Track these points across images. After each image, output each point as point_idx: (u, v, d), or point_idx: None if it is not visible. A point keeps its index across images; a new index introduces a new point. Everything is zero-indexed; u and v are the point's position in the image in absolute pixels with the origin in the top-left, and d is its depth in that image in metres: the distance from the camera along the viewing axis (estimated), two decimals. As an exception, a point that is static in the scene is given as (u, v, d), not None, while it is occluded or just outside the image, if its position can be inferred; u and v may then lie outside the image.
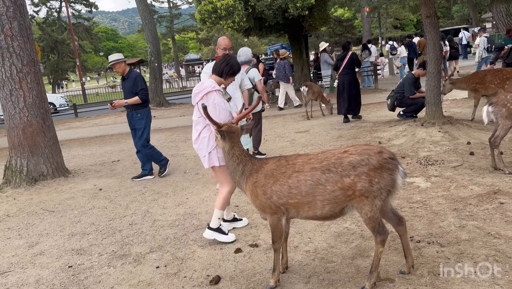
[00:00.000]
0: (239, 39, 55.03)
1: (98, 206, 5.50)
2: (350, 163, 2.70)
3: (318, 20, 16.35)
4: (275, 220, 2.94)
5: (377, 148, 2.79)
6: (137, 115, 6.53)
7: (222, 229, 3.99)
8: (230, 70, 3.90)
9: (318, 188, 2.74)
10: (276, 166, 2.94)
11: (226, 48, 5.35)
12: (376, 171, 2.68)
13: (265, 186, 2.90)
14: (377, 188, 2.68)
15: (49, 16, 39.70)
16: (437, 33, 7.45)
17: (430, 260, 3.18)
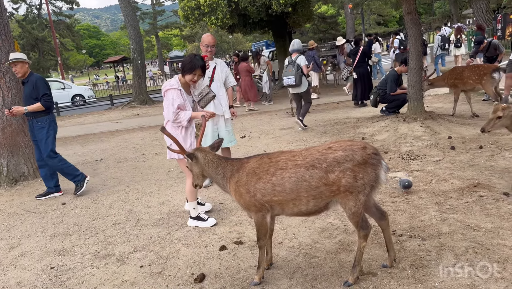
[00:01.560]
0: (224, 35, 54.84)
1: (81, 206, 5.43)
2: (334, 158, 2.73)
3: (302, 17, 16.39)
4: (260, 218, 2.95)
5: (361, 144, 2.83)
6: (38, 124, 5.68)
7: (200, 216, 4.32)
8: (184, 68, 4.10)
9: (303, 184, 2.76)
10: (259, 164, 2.95)
11: (208, 45, 5.32)
12: (360, 166, 2.71)
13: (247, 185, 2.91)
14: (361, 183, 2.72)
15: (29, 13, 38.87)
16: (419, 30, 7.54)
17: (412, 254, 3.23)
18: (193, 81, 4.15)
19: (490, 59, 9.15)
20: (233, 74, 15.22)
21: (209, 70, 5.33)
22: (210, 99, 5.12)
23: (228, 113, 5.45)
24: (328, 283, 2.97)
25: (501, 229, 3.45)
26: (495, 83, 7.29)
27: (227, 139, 5.44)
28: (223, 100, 5.39)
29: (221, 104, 5.37)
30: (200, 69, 4.10)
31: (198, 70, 4.08)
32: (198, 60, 4.08)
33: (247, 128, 9.82)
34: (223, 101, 5.39)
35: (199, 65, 4.07)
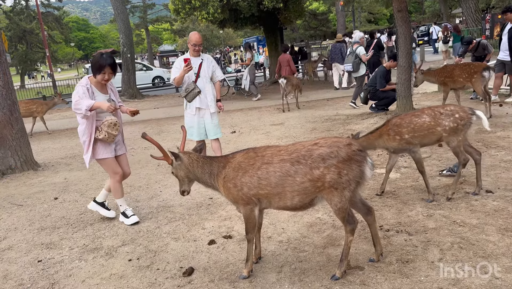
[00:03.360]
0: (215, 30, 54.63)
1: (69, 199, 5.39)
2: (319, 155, 2.75)
3: (293, 13, 16.41)
4: (248, 211, 2.98)
5: (346, 140, 2.86)
6: None
7: (126, 213, 4.41)
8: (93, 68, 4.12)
9: (288, 179, 2.79)
10: (244, 158, 2.98)
11: (196, 44, 5.45)
12: (345, 162, 2.73)
13: (234, 179, 2.94)
14: (346, 179, 2.74)
15: (16, 5, 38.13)
16: (408, 28, 7.61)
17: (398, 248, 3.28)
18: (105, 80, 4.13)
19: (478, 58, 9.26)
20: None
21: (196, 66, 5.46)
22: (196, 95, 5.39)
23: (213, 108, 5.59)
24: (316, 277, 3.00)
25: (486, 225, 3.52)
26: (485, 82, 7.38)
27: (213, 131, 5.66)
28: (209, 95, 5.54)
29: (206, 98, 5.54)
30: (109, 67, 4.06)
31: (108, 69, 4.05)
32: (106, 59, 4.05)
33: (237, 124, 9.82)
34: (208, 96, 5.54)
35: (108, 63, 4.04)
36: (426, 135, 4.14)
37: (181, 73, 5.31)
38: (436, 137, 4.16)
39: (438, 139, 4.21)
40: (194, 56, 5.50)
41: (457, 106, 4.30)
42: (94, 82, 4.16)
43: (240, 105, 13.04)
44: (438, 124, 4.08)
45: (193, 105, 5.52)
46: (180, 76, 5.34)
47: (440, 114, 4.10)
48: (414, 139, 4.14)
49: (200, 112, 5.54)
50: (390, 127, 4.23)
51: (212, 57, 5.92)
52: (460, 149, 4.15)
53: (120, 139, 4.53)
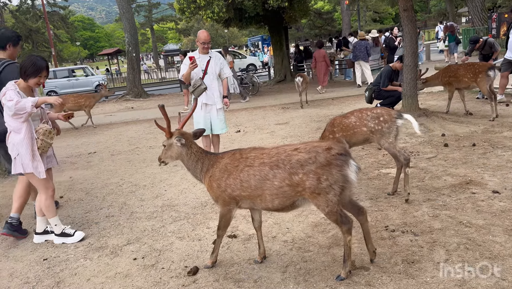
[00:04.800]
0: (219, 30, 54.59)
1: (74, 198, 5.41)
2: (298, 161, 2.76)
3: (298, 12, 16.36)
4: (226, 211, 3.10)
5: (327, 145, 2.82)
6: None
7: (66, 232, 4.09)
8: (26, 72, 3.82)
9: (266, 182, 2.84)
10: (231, 160, 3.07)
11: (205, 42, 5.56)
12: (324, 168, 2.72)
13: (219, 180, 3.03)
14: (327, 184, 2.71)
15: (22, 4, 38.37)
16: (414, 27, 7.56)
17: (404, 249, 3.26)
18: (39, 84, 3.95)
19: (485, 57, 9.20)
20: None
21: (203, 63, 5.58)
22: (202, 91, 5.46)
23: (219, 104, 5.71)
24: (321, 277, 2.99)
25: (492, 225, 3.49)
26: (490, 82, 7.32)
27: (219, 127, 5.78)
28: (216, 92, 5.66)
29: (213, 95, 5.65)
30: (46, 70, 3.93)
31: (44, 72, 3.93)
32: (42, 62, 3.91)
33: (242, 123, 9.82)
34: (215, 92, 5.66)
35: (44, 66, 3.91)
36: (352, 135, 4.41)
37: (187, 70, 5.42)
38: (363, 138, 4.40)
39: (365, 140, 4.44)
40: (203, 53, 5.64)
41: (384, 109, 4.46)
42: (22, 86, 3.84)
43: (244, 105, 13.04)
44: (364, 125, 4.30)
45: (199, 101, 5.63)
46: (187, 73, 5.46)
47: (366, 116, 4.32)
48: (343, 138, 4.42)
49: (207, 108, 5.67)
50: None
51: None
52: (396, 150, 4.27)
53: (51, 152, 4.19)
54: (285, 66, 18.25)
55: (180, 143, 3.25)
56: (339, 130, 4.44)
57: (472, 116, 7.62)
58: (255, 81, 15.66)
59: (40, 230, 4.16)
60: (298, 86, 11.22)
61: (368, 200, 4.33)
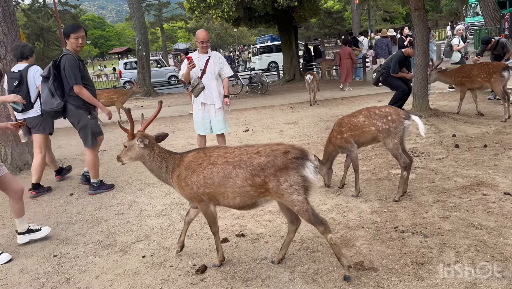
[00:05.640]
0: (229, 29, 54.61)
1: (84, 195, 5.45)
2: (259, 164, 2.88)
3: (308, 12, 16.30)
4: (204, 207, 3.16)
5: (284, 148, 2.92)
6: None
7: (32, 228, 4.10)
8: None
9: (229, 181, 2.94)
10: (195, 158, 3.14)
11: (203, 41, 5.59)
12: (282, 170, 2.83)
13: (186, 178, 3.11)
14: (287, 185, 2.82)
15: (34, 3, 38.78)
16: (426, 26, 7.50)
17: (413, 250, 3.23)
18: None
19: (497, 57, 9.09)
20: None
21: (202, 63, 5.61)
22: (200, 90, 5.54)
23: (218, 103, 5.70)
24: (329, 277, 2.98)
25: (504, 228, 3.45)
26: (504, 82, 7.23)
27: (217, 127, 5.78)
28: (214, 91, 5.66)
29: (211, 94, 5.65)
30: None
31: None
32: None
33: (251, 122, 9.81)
34: (214, 91, 5.66)
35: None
36: (361, 135, 4.34)
37: (186, 70, 5.49)
38: (372, 137, 4.33)
39: (374, 139, 4.38)
40: (202, 53, 5.66)
41: (392, 108, 4.39)
42: None
43: (253, 104, 13.04)
44: (372, 124, 4.24)
45: (199, 100, 5.69)
46: (185, 73, 5.53)
47: (374, 114, 4.27)
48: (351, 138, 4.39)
49: (206, 107, 5.69)
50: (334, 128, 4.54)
51: (227, 56, 5.99)
52: (398, 152, 4.23)
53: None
54: (294, 65, 18.22)
55: (143, 144, 3.31)
56: (347, 130, 4.39)
57: (483, 117, 7.54)
58: (264, 81, 15.66)
59: (23, 229, 4.09)
60: (308, 84, 11.27)
61: (377, 201, 4.30)
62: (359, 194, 4.47)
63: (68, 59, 5.00)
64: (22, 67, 5.58)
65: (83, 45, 5.24)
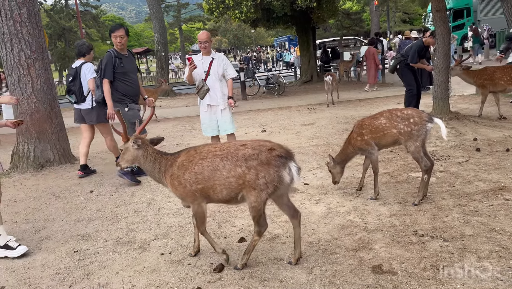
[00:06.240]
0: (246, 30, 54.81)
1: (104, 192, 5.55)
2: (243, 155, 2.98)
3: (327, 12, 16.24)
4: (196, 206, 3.23)
5: (271, 145, 3.03)
6: None
7: (9, 245, 3.84)
8: None
9: (216, 173, 3.04)
10: (186, 156, 3.23)
11: (201, 42, 5.63)
12: (263, 166, 2.93)
13: (179, 177, 3.18)
14: (263, 182, 2.93)
15: (57, 3, 39.55)
16: (447, 28, 7.39)
17: (433, 254, 3.19)
18: None
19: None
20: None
21: (206, 64, 5.64)
22: (205, 92, 5.61)
23: (222, 105, 5.73)
24: (347, 280, 2.97)
25: (527, 234, 3.38)
26: (529, 85, 7.08)
27: (224, 128, 5.84)
28: (218, 92, 5.69)
29: (216, 95, 5.70)
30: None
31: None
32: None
33: (267, 123, 9.82)
34: (218, 93, 5.70)
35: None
36: (382, 137, 4.29)
37: (188, 72, 5.60)
38: (393, 140, 4.28)
39: (395, 142, 4.33)
40: (205, 54, 5.70)
41: (415, 110, 4.32)
42: None
43: (270, 105, 13.04)
44: (394, 127, 4.19)
45: (204, 102, 5.74)
46: (188, 75, 5.65)
47: (396, 117, 4.21)
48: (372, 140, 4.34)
49: (212, 109, 5.75)
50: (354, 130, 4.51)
51: (245, 57, 6.03)
52: (420, 155, 4.17)
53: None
54: (311, 66, 18.16)
55: (136, 145, 3.40)
56: (368, 133, 4.35)
57: (506, 121, 7.39)
58: (281, 82, 15.65)
59: (1, 242, 3.86)
60: (328, 85, 11.25)
61: (396, 204, 4.26)
62: (378, 197, 4.43)
63: (107, 56, 5.57)
64: (79, 64, 6.26)
65: (122, 43, 5.61)
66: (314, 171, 5.66)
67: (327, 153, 6.24)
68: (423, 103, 8.64)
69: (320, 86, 15.68)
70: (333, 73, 12.38)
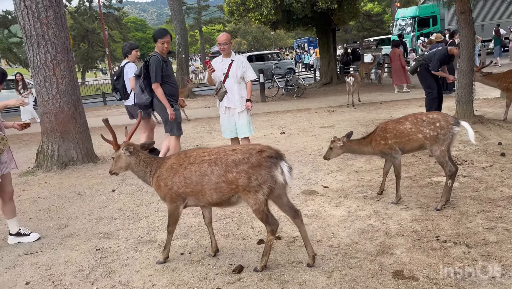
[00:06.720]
0: (266, 31, 54.85)
1: (125, 192, 5.64)
2: (233, 160, 3.03)
3: (347, 14, 16.13)
4: (173, 208, 3.32)
5: (260, 148, 3.07)
6: None
7: (21, 232, 4.26)
8: None
9: (205, 178, 3.10)
10: (176, 159, 3.31)
11: (220, 43, 5.68)
12: (255, 168, 2.98)
13: (166, 179, 3.26)
14: (256, 183, 2.97)
15: (80, 6, 40.39)
16: (471, 30, 7.24)
17: (456, 261, 3.13)
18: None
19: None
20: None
21: (225, 67, 5.69)
22: (223, 94, 5.68)
23: (240, 107, 5.76)
24: (367, 285, 2.94)
25: (555, 242, 3.28)
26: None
27: (241, 130, 5.87)
28: (236, 95, 5.73)
29: (234, 98, 5.74)
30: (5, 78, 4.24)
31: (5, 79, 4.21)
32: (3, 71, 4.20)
33: (286, 125, 9.81)
34: (236, 95, 5.73)
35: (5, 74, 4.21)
36: (407, 142, 4.21)
37: (207, 74, 5.75)
38: (418, 145, 4.20)
39: (420, 147, 4.25)
40: (225, 56, 5.76)
41: (440, 114, 4.23)
42: None
43: (289, 107, 13.02)
44: (420, 132, 4.11)
45: (223, 104, 5.80)
46: (208, 77, 5.79)
47: (422, 121, 4.13)
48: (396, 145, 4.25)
49: (230, 111, 5.80)
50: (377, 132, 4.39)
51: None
52: (445, 159, 4.08)
53: (7, 157, 4.14)
54: (331, 68, 18.04)
55: (128, 152, 3.45)
56: (392, 137, 4.24)
57: (532, 125, 7.19)
58: (301, 83, 15.61)
59: (14, 230, 4.26)
60: (349, 86, 11.24)
61: (418, 208, 4.19)
62: (400, 201, 4.37)
63: (155, 60, 5.70)
64: (123, 63, 6.92)
65: (168, 48, 5.91)
66: (333, 173, 5.63)
67: (347, 156, 6.21)
68: (446, 107, 8.50)
69: (340, 88, 15.58)
70: (355, 74, 12.29)
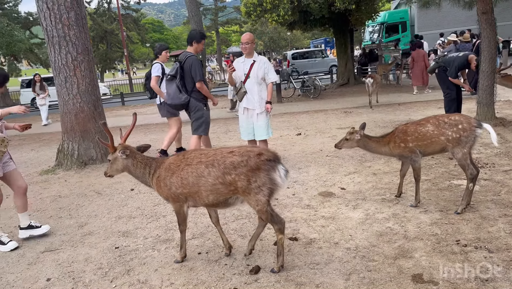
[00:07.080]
0: (282, 32, 54.74)
1: (144, 191, 5.70)
2: (231, 163, 3.05)
3: (365, 14, 16.00)
4: (178, 207, 3.37)
5: (258, 150, 3.11)
6: None
7: (32, 225, 4.36)
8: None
9: (201, 179, 3.14)
10: (174, 160, 3.34)
11: (242, 42, 5.71)
12: (253, 171, 3.01)
13: (165, 179, 3.31)
14: (256, 186, 3.01)
15: (99, 7, 41.05)
16: (493, 31, 7.11)
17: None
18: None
19: None
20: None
21: (247, 67, 5.67)
22: (243, 95, 5.66)
23: (259, 109, 5.72)
24: (386, 288, 2.91)
25: None
26: None
27: (259, 132, 5.83)
28: (256, 96, 5.70)
29: (253, 99, 5.71)
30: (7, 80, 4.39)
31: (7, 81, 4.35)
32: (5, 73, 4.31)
33: (303, 126, 9.77)
34: (256, 96, 5.70)
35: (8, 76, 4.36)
36: (429, 145, 4.13)
37: (228, 74, 5.76)
38: (440, 147, 4.13)
39: (442, 150, 4.17)
40: (247, 56, 5.74)
41: (463, 116, 4.14)
42: None
43: (305, 107, 12.97)
44: (442, 134, 4.03)
45: (242, 105, 5.79)
46: (229, 77, 5.79)
47: (444, 124, 4.05)
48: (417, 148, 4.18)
49: (249, 112, 5.79)
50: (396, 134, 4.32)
51: (280, 59, 6.11)
52: (466, 162, 4.01)
53: (6, 157, 4.21)
54: (349, 69, 17.91)
55: (125, 155, 3.48)
56: (414, 140, 4.15)
57: (556, 128, 7.01)
58: (317, 84, 15.53)
59: (25, 224, 4.36)
60: (368, 87, 11.23)
61: (437, 212, 4.13)
62: (419, 204, 4.31)
63: (195, 60, 5.82)
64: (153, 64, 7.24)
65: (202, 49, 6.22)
66: (351, 175, 5.59)
67: (365, 158, 6.16)
68: (466, 108, 8.35)
69: (357, 89, 15.45)
70: (374, 74, 12.20)
